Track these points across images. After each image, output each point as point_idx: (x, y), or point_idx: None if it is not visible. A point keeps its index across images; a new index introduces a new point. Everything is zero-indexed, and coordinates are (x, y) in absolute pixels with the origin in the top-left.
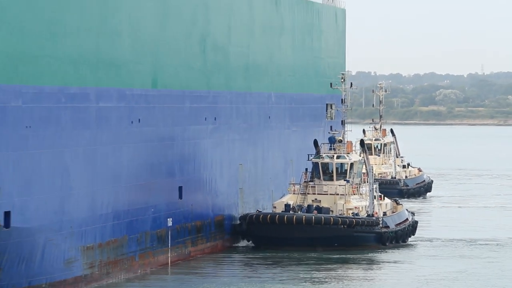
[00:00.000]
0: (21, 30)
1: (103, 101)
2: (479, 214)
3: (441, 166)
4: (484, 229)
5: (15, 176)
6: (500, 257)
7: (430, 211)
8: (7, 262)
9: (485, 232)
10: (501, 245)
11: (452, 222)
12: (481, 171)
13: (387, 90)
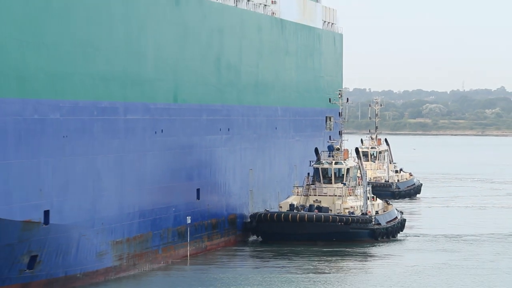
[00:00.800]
0: (59, 51)
1: (130, 114)
2: (461, 213)
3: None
4: (465, 226)
5: (54, 180)
6: (477, 250)
7: (419, 210)
8: (46, 254)
9: (466, 229)
10: (479, 240)
11: (437, 219)
12: (463, 175)
13: (381, 104)
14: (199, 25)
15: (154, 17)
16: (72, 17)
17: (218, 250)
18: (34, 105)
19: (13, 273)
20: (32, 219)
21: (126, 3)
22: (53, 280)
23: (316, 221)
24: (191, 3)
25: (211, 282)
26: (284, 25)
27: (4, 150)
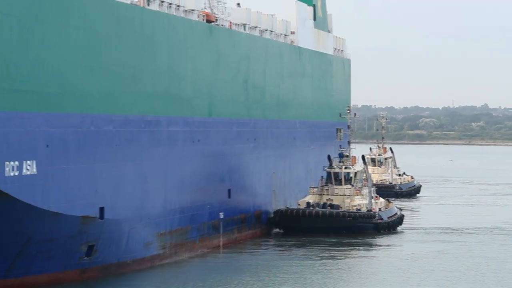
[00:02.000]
0: (112, 74)
1: (172, 126)
2: (452, 209)
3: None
4: (455, 220)
5: (108, 182)
6: (467, 240)
7: (417, 207)
8: (102, 244)
9: (456, 223)
10: (469, 232)
11: (432, 215)
12: (453, 178)
13: (386, 118)
14: (229, 52)
15: (191, 45)
16: (123, 45)
17: (246, 241)
18: (91, 119)
19: (74, 260)
20: (89, 214)
21: (168, 33)
22: (107, 266)
23: (328, 216)
24: (222, 34)
25: (241, 267)
26: (301, 52)
27: (66, 157)
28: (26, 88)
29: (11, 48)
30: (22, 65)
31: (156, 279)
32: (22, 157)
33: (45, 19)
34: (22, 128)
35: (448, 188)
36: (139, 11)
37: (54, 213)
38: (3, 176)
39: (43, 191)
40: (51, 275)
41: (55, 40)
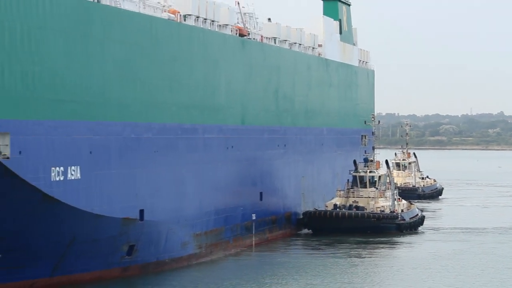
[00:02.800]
0: (151, 85)
1: (207, 133)
2: (471, 210)
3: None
4: (474, 221)
5: (147, 185)
6: (486, 240)
7: (439, 208)
8: (142, 244)
9: (474, 223)
10: (487, 232)
11: (453, 216)
12: (471, 181)
13: (410, 126)
14: (261, 64)
15: (225, 57)
16: (161, 58)
17: (277, 240)
18: (131, 127)
19: (116, 259)
20: (130, 216)
21: (203, 47)
22: (147, 264)
23: (354, 217)
24: (254, 47)
25: (273, 265)
26: (328, 64)
27: (108, 163)
28: (71, 99)
29: (57, 61)
30: (67, 77)
31: (193, 277)
32: (67, 163)
33: (89, 34)
34: (67, 136)
35: (469, 190)
36: (176, 26)
37: (97, 215)
38: (49, 181)
39: (86, 195)
40: (94, 273)
41: (98, 54)
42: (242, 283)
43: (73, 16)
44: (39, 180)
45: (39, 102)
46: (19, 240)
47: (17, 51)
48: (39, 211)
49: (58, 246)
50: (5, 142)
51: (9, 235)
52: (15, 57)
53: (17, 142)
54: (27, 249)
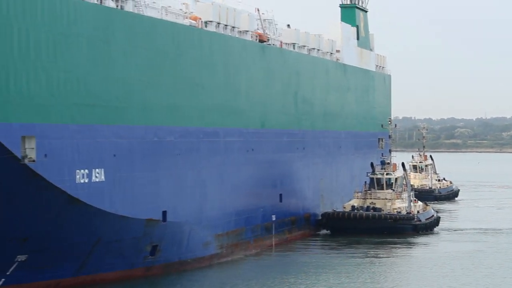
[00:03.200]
0: (173, 89)
1: (228, 136)
2: (485, 211)
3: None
4: (490, 221)
5: (170, 187)
6: (500, 240)
7: (454, 209)
8: (165, 245)
9: (489, 224)
10: (501, 232)
11: (468, 216)
12: (486, 182)
13: (427, 129)
14: (280, 68)
15: (246, 62)
16: (183, 63)
17: (296, 241)
18: (154, 130)
19: (140, 259)
20: (153, 217)
21: (224, 52)
22: (170, 264)
23: (372, 218)
24: (274, 52)
25: (292, 265)
26: (346, 69)
27: (132, 165)
28: (95, 103)
29: (82, 66)
30: (91, 82)
31: (214, 276)
32: (91, 166)
33: (113, 40)
34: (91, 139)
35: (484, 192)
36: (198, 32)
37: (121, 216)
38: (74, 183)
39: (110, 197)
40: (119, 272)
41: (122, 59)
42: (263, 283)
43: (96, 23)
44: (64, 183)
45: (64, 106)
46: (45, 241)
47: (42, 57)
48: (64, 213)
49: (83, 246)
50: (31, 145)
51: (35, 236)
52: (40, 63)
53: (42, 145)
54: (53, 249)
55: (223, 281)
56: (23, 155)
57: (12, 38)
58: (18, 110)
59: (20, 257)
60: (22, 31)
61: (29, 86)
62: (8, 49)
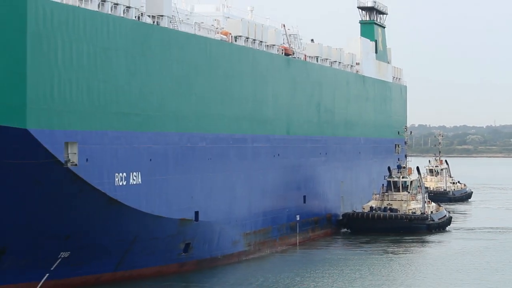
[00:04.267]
0: (205, 99)
1: (256, 143)
2: (496, 212)
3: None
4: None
5: (202, 189)
6: (509, 239)
7: (467, 210)
8: (197, 242)
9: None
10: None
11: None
12: (497, 185)
13: (442, 136)
14: (304, 80)
15: (272, 74)
16: (214, 75)
17: (319, 239)
18: (187, 137)
19: (173, 256)
20: (186, 217)
21: (252, 65)
22: (201, 260)
23: (389, 218)
24: (298, 65)
25: (315, 261)
26: (365, 80)
27: (166, 169)
28: (133, 111)
29: (120, 78)
30: (129, 92)
31: (243, 271)
32: (129, 169)
33: (149, 53)
34: (129, 145)
35: (496, 194)
36: (228, 46)
37: (156, 216)
38: (113, 186)
39: (147, 198)
40: (154, 268)
41: (157, 71)
42: (289, 277)
43: (134, 38)
44: (104, 185)
45: (104, 114)
46: (86, 238)
47: (84, 69)
48: (104, 213)
49: (122, 244)
50: (73, 150)
51: (77, 234)
52: (82, 75)
53: (84, 150)
54: (93, 246)
55: (251, 276)
56: (66, 159)
57: (56, 51)
58: (61, 118)
59: (63, 254)
60: (66, 44)
61: (72, 96)
62: (52, 61)
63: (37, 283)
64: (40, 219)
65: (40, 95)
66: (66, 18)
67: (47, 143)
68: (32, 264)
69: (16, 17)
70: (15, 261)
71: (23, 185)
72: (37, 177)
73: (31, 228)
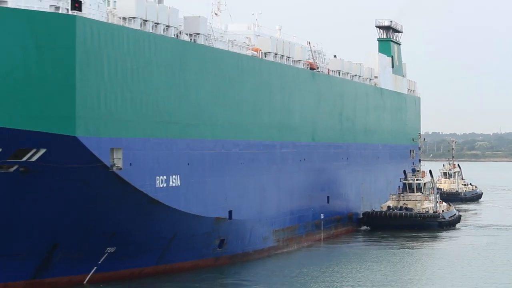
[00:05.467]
0: (238, 109)
1: (284, 148)
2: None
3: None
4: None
5: (235, 191)
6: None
7: (477, 209)
8: (230, 239)
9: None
10: None
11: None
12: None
13: (456, 142)
14: (327, 92)
15: (298, 87)
16: (246, 87)
17: (341, 235)
18: (222, 143)
19: (209, 251)
20: (221, 216)
21: (280, 78)
22: (235, 255)
23: (404, 217)
24: (322, 78)
25: (339, 255)
26: (382, 92)
27: (203, 172)
28: (172, 120)
29: (161, 90)
30: (169, 103)
31: (273, 264)
32: (169, 173)
33: (187, 68)
34: (169, 151)
35: (504, 194)
36: (258, 61)
37: (194, 215)
38: (154, 187)
39: (185, 198)
40: (191, 262)
41: (194, 83)
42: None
43: (173, 54)
44: (146, 187)
45: (146, 123)
46: (130, 235)
47: (128, 82)
48: (146, 212)
49: (162, 240)
50: (118, 156)
51: (122, 232)
52: (126, 87)
53: (128, 156)
54: (137, 243)
55: (284, 268)
56: (112, 164)
57: (102, 66)
58: (107, 126)
59: (110, 249)
60: (111, 60)
61: (117, 106)
62: (99, 75)
63: (86, 275)
64: (89, 217)
65: (88, 106)
66: (111, 37)
67: (94, 149)
68: (81, 258)
69: (67, 36)
70: (66, 255)
71: (73, 187)
72: (85, 179)
73: (81, 226)
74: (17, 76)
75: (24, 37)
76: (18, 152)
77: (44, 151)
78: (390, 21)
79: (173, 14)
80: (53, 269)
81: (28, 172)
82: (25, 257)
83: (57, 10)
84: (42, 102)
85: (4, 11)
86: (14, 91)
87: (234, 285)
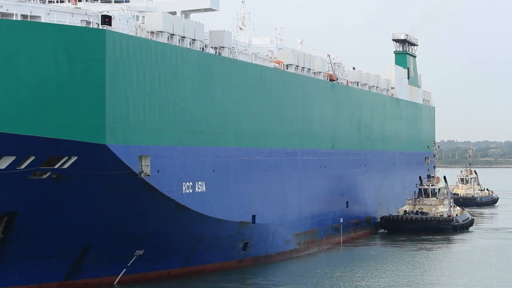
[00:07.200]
0: (261, 118)
1: (305, 156)
2: None
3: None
4: None
5: (258, 196)
6: None
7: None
8: (254, 241)
9: None
10: None
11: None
12: None
13: (472, 149)
14: (346, 102)
15: (319, 97)
16: (269, 97)
17: (360, 238)
18: (245, 151)
19: (234, 253)
20: (244, 220)
21: (302, 89)
22: (258, 257)
23: (420, 220)
24: (341, 89)
25: (358, 257)
26: (399, 102)
27: (227, 179)
28: (198, 129)
29: (188, 100)
30: (195, 112)
31: (294, 266)
32: (195, 179)
33: (212, 79)
34: (195, 158)
35: None
36: (281, 73)
37: (219, 219)
38: (181, 193)
39: (210, 203)
40: (217, 264)
41: (219, 94)
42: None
43: (199, 66)
44: (173, 193)
45: (173, 131)
46: (158, 238)
47: (155, 92)
48: (173, 216)
49: (189, 243)
50: (146, 163)
51: (150, 235)
52: (154, 97)
53: (155, 163)
54: (164, 245)
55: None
56: (140, 170)
57: (131, 77)
58: (136, 134)
59: (139, 252)
60: (140, 71)
61: (145, 116)
62: (128, 86)
63: (116, 276)
64: (119, 222)
65: (117, 116)
66: (140, 50)
67: (123, 156)
68: (111, 260)
69: (97, 49)
70: (97, 258)
71: (103, 193)
72: (114, 185)
73: (111, 230)
74: (50, 87)
75: (57, 50)
76: (50, 159)
77: (75, 158)
78: (406, 35)
79: (199, 28)
80: (85, 271)
81: (60, 179)
82: (58, 260)
83: (88, 25)
84: (74, 112)
85: (38, 26)
86: (47, 101)
87: (261, 285)
